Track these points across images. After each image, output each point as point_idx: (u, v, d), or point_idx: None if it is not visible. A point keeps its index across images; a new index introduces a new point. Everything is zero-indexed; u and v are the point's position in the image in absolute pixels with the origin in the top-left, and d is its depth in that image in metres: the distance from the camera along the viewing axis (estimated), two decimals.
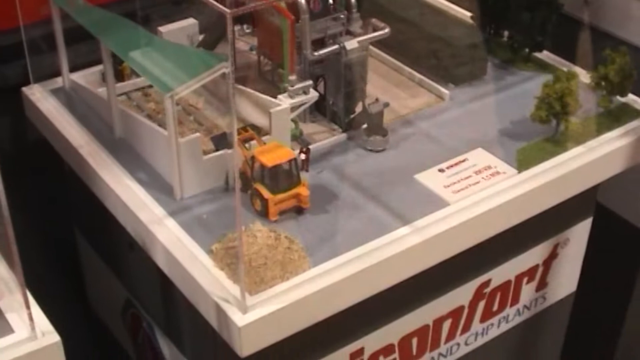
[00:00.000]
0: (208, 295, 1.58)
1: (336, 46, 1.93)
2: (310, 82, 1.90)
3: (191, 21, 2.13)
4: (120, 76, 2.09)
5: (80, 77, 2.14)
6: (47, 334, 1.45)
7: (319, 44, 1.96)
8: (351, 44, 1.93)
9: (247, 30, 2.31)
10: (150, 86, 2.10)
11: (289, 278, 1.60)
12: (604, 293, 2.67)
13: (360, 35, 1.99)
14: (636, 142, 2.05)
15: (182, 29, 2.12)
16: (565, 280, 2.37)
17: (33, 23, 2.10)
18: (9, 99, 2.20)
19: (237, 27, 2.29)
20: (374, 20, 2.03)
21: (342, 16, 1.98)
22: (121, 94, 2.09)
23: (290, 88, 1.86)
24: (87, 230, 2.40)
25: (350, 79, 1.96)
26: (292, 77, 1.87)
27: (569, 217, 2.23)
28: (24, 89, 2.16)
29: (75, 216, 2.43)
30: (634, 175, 2.38)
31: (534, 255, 2.20)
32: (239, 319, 1.53)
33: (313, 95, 1.90)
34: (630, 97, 2.14)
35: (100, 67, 2.06)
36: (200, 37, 2.14)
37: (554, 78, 1.95)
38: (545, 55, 2.32)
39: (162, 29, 2.10)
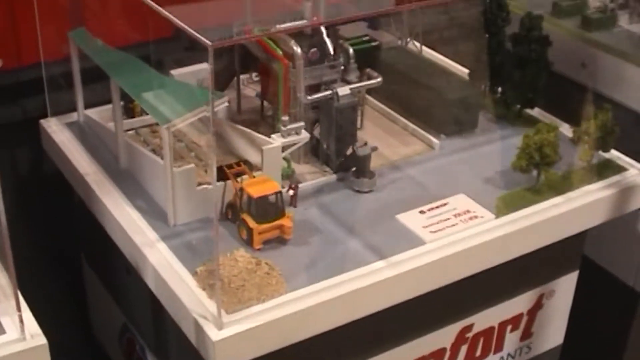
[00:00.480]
0: (189, 312, 1.68)
1: (329, 92, 2.06)
2: (302, 123, 2.01)
3: (202, 66, 2.28)
4: (131, 113, 2.23)
5: (94, 113, 2.28)
6: (36, 336, 1.56)
7: (316, 89, 2.08)
8: (343, 90, 2.05)
9: (256, 79, 2.45)
10: (157, 123, 2.24)
11: (265, 300, 1.69)
12: (592, 348, 2.69)
13: (355, 83, 2.12)
14: (615, 196, 2.12)
15: (192, 73, 2.26)
16: (552, 331, 2.42)
17: (54, 61, 2.26)
18: (29, 130, 2.34)
19: (245, 76, 2.43)
20: (368, 70, 2.16)
21: (338, 64, 2.11)
22: (130, 129, 2.22)
23: (282, 128, 1.99)
24: (91, 257, 2.51)
25: (341, 123, 2.06)
26: (285, 118, 1.99)
27: (554, 269, 2.29)
28: (42, 121, 2.31)
29: (82, 244, 2.55)
30: (623, 230, 2.45)
31: (518, 304, 2.26)
32: (215, 334, 1.62)
33: (304, 136, 2.01)
34: (614, 154, 2.22)
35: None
36: None
37: (534, 130, 2.04)
38: (537, 112, 2.41)
39: (173, 72, 2.27)
